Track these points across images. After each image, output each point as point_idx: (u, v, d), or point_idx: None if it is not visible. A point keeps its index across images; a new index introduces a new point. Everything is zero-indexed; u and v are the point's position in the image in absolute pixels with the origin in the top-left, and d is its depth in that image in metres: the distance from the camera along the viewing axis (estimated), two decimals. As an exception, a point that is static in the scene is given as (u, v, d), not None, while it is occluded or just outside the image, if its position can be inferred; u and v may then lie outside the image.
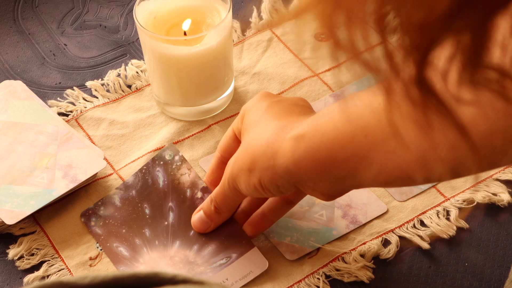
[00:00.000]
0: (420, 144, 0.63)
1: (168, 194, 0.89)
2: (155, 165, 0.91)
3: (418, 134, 0.48)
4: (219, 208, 0.84)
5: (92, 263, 0.86)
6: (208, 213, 0.85)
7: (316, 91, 0.99)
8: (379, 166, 0.70)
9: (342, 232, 0.87)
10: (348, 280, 0.84)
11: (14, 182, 0.89)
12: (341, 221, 0.87)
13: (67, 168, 0.90)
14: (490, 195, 0.89)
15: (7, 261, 0.87)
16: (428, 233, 0.87)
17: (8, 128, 0.94)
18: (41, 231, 0.89)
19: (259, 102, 0.81)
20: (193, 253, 0.86)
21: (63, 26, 1.07)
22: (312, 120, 0.75)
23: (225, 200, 0.83)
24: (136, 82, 1.01)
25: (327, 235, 0.86)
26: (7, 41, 1.05)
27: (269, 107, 0.80)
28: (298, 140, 0.74)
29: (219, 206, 0.84)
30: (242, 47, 1.04)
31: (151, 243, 0.86)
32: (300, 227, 0.87)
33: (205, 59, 0.92)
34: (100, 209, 0.89)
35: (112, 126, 0.97)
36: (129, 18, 1.08)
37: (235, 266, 0.85)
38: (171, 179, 0.90)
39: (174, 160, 0.91)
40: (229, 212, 0.85)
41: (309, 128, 0.74)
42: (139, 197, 0.89)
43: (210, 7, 0.94)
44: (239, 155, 0.79)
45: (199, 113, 0.97)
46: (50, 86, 1.01)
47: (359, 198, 0.89)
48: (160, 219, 0.88)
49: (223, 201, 0.83)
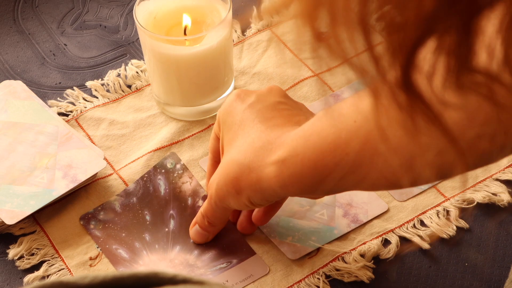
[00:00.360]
0: (407, 148, 0.62)
1: (169, 202, 0.89)
2: (156, 173, 0.91)
3: (405, 138, 0.48)
4: (212, 222, 0.84)
5: (92, 263, 0.86)
6: (203, 227, 0.85)
7: (316, 91, 0.99)
8: (365, 172, 0.69)
9: (344, 231, 0.87)
10: (348, 280, 0.84)
11: (14, 182, 0.89)
12: (342, 220, 0.87)
13: (67, 168, 0.90)
14: (490, 195, 0.89)
15: (7, 261, 0.87)
16: (428, 233, 0.87)
17: (8, 128, 0.94)
18: (41, 231, 0.88)
19: (234, 106, 0.79)
20: (194, 257, 0.85)
21: (63, 26, 1.07)
22: (294, 136, 0.73)
23: (215, 216, 0.83)
24: (136, 82, 1.01)
25: (329, 234, 0.86)
26: (7, 41, 1.05)
27: (246, 111, 0.78)
28: (279, 166, 0.73)
29: (211, 220, 0.84)
30: (242, 47, 1.04)
31: (151, 247, 0.86)
32: (301, 227, 0.87)
33: (205, 59, 0.92)
34: (100, 214, 0.89)
35: (112, 126, 0.97)
36: (129, 18, 1.08)
37: (235, 270, 0.85)
38: (173, 187, 0.90)
39: (175, 168, 0.91)
40: (222, 223, 0.85)
41: (289, 151, 0.73)
42: (139, 204, 0.89)
43: (210, 7, 0.94)
44: (221, 179, 0.78)
45: (199, 113, 0.97)
46: (50, 86, 1.01)
47: (360, 197, 0.89)
48: (160, 226, 0.88)
49: (214, 217, 0.83)
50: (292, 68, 1.01)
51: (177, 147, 0.95)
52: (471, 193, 0.90)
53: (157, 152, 0.94)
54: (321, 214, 0.88)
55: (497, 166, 0.92)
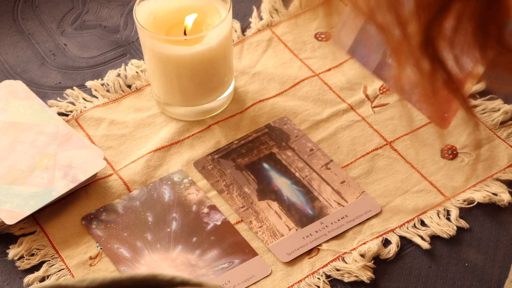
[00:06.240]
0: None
1: (173, 207, 0.89)
2: (162, 183, 0.91)
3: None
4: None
5: (92, 263, 0.86)
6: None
7: (316, 91, 0.99)
8: None
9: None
10: (348, 280, 0.84)
11: (14, 182, 0.89)
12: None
13: (67, 168, 0.90)
14: (491, 195, 0.89)
15: (7, 261, 0.87)
16: (429, 233, 0.87)
17: (8, 128, 0.94)
18: (41, 231, 0.89)
19: None
20: (195, 257, 0.86)
21: (63, 26, 1.07)
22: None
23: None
24: (136, 82, 1.01)
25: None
26: (7, 41, 1.05)
27: None
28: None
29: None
30: (242, 47, 1.04)
31: (152, 247, 0.86)
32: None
33: (205, 59, 0.92)
34: (102, 215, 0.89)
35: (112, 126, 0.97)
36: (129, 18, 1.08)
37: (237, 270, 0.85)
38: (177, 195, 0.90)
39: (182, 182, 0.91)
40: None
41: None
42: (142, 207, 0.89)
43: (210, 7, 0.94)
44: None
45: (199, 113, 0.97)
46: (50, 86, 1.01)
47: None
48: (162, 226, 0.88)
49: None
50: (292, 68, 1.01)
51: (177, 147, 0.95)
52: (471, 193, 0.90)
53: (157, 153, 0.94)
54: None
55: (497, 166, 0.92)
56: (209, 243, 0.86)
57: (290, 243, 0.87)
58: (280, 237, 0.87)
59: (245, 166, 0.93)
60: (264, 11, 1.06)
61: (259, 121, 0.97)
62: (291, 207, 0.89)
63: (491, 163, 0.92)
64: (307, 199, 0.90)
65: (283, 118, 0.97)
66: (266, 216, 0.89)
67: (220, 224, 0.88)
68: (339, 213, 0.89)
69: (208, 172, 0.92)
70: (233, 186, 0.91)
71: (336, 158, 0.93)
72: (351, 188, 0.91)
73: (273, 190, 0.91)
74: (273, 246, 0.86)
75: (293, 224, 0.88)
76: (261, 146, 0.94)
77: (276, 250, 0.86)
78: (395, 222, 0.88)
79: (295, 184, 0.91)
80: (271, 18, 1.06)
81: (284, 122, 0.96)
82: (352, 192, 0.90)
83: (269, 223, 0.88)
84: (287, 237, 0.87)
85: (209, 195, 0.90)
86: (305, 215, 0.89)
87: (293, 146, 0.94)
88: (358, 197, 0.90)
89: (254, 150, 0.94)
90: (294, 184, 0.91)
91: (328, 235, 0.87)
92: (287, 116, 0.97)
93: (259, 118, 0.97)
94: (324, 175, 0.92)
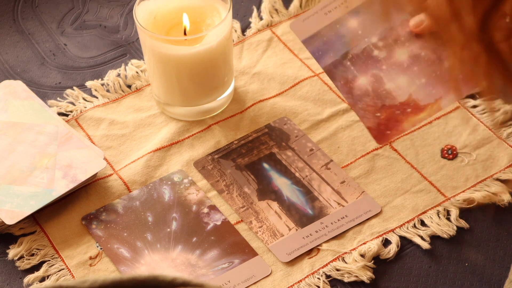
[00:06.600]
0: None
1: (173, 207, 0.89)
2: (162, 183, 0.91)
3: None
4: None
5: (92, 263, 0.86)
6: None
7: (316, 91, 0.99)
8: None
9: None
10: (348, 280, 0.84)
11: (14, 182, 0.89)
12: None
13: (67, 168, 0.90)
14: (491, 195, 0.89)
15: (7, 261, 0.87)
16: (429, 233, 0.87)
17: (8, 128, 0.94)
18: (41, 231, 0.89)
19: None
20: (195, 257, 0.86)
21: (63, 26, 1.07)
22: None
23: None
24: (136, 82, 1.01)
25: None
26: (7, 41, 1.05)
27: None
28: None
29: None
30: (242, 47, 1.04)
31: (152, 247, 0.86)
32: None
33: (205, 59, 0.92)
34: (102, 215, 0.89)
35: (112, 126, 0.97)
36: (129, 18, 1.08)
37: (237, 271, 0.85)
38: (177, 195, 0.90)
39: (182, 182, 0.91)
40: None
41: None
42: (142, 207, 0.89)
43: (210, 7, 0.94)
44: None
45: (199, 113, 0.97)
46: (50, 86, 1.01)
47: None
48: (162, 226, 0.88)
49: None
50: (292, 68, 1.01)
51: (177, 147, 0.95)
52: (471, 193, 0.90)
53: (157, 153, 0.94)
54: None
55: (497, 166, 0.92)
56: (209, 243, 0.87)
57: (290, 243, 0.87)
58: (280, 237, 0.87)
59: (245, 166, 0.93)
60: (264, 11, 1.06)
61: (259, 121, 0.97)
62: (291, 207, 0.89)
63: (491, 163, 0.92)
64: (307, 199, 0.90)
65: (283, 118, 0.97)
66: (266, 216, 0.89)
67: (220, 224, 0.88)
68: (339, 213, 0.89)
69: (208, 172, 0.92)
70: (233, 186, 0.91)
71: (336, 158, 0.93)
72: (351, 188, 0.91)
73: (273, 190, 0.91)
74: (273, 246, 0.87)
75: (293, 224, 0.88)
76: (261, 146, 0.94)
77: (276, 250, 0.86)
78: (395, 222, 0.88)
79: (295, 184, 0.91)
80: (271, 18, 1.06)
81: (284, 122, 0.96)
82: (352, 192, 0.90)
83: (269, 223, 0.88)
84: (287, 237, 0.87)
85: (209, 195, 0.90)
86: (305, 215, 0.89)
87: (293, 146, 0.94)
88: (358, 197, 0.90)
89: (254, 150, 0.94)
90: (294, 184, 0.91)
91: (328, 235, 0.87)
92: (287, 116, 0.97)
93: (259, 118, 0.97)
94: (324, 175, 0.92)
